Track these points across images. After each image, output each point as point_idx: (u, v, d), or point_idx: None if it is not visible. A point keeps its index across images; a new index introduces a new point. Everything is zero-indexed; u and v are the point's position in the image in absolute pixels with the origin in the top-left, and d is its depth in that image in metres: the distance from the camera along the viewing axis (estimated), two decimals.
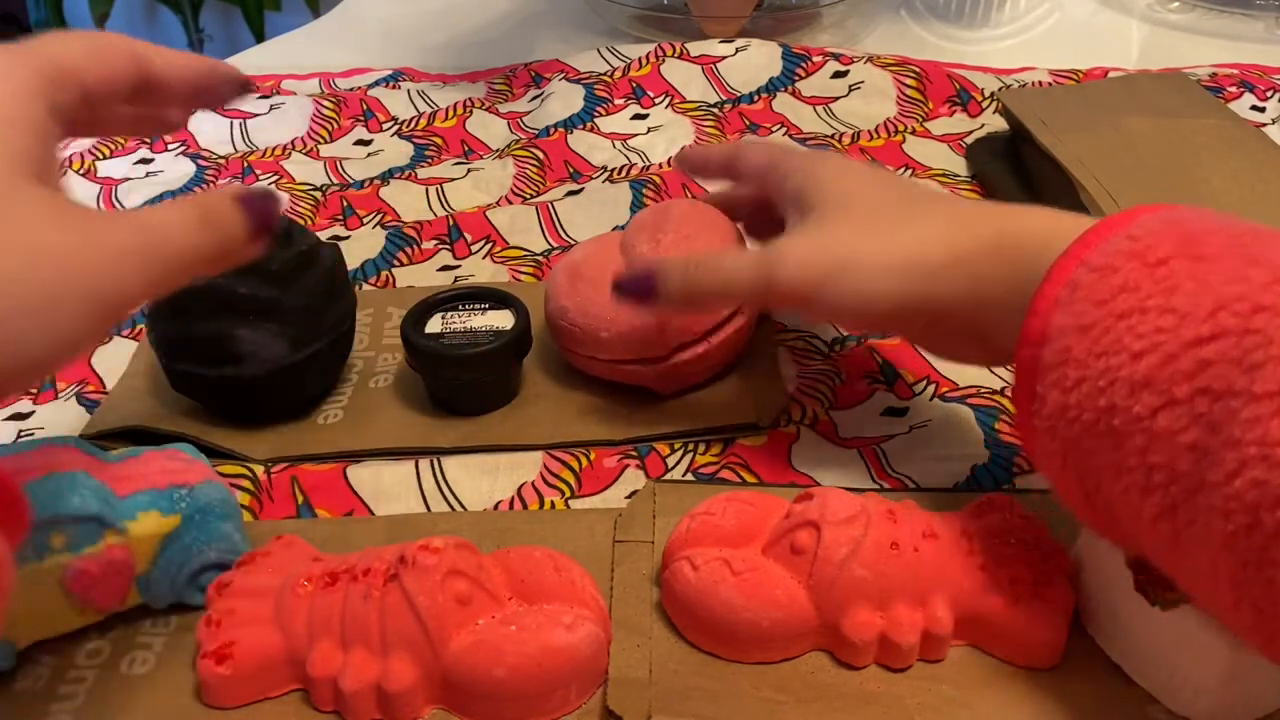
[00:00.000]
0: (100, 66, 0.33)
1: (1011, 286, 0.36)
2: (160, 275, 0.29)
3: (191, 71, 0.36)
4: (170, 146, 0.73)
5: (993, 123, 0.73)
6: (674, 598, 0.38)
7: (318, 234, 0.49)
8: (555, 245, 0.62)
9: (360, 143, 0.74)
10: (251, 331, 0.44)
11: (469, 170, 0.70)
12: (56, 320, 0.26)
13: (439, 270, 0.60)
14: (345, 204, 0.66)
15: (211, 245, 0.31)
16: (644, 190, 0.65)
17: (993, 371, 0.51)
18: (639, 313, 0.45)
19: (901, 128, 0.73)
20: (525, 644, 0.34)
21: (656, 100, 0.76)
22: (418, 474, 0.46)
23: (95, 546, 0.36)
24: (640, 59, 0.79)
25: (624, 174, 0.68)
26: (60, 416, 0.49)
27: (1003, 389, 0.49)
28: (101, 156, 0.72)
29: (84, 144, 0.73)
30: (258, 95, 0.63)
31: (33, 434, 0.49)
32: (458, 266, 0.60)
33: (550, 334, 0.49)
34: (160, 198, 0.67)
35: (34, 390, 0.51)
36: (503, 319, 0.48)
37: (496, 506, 0.44)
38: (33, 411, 0.50)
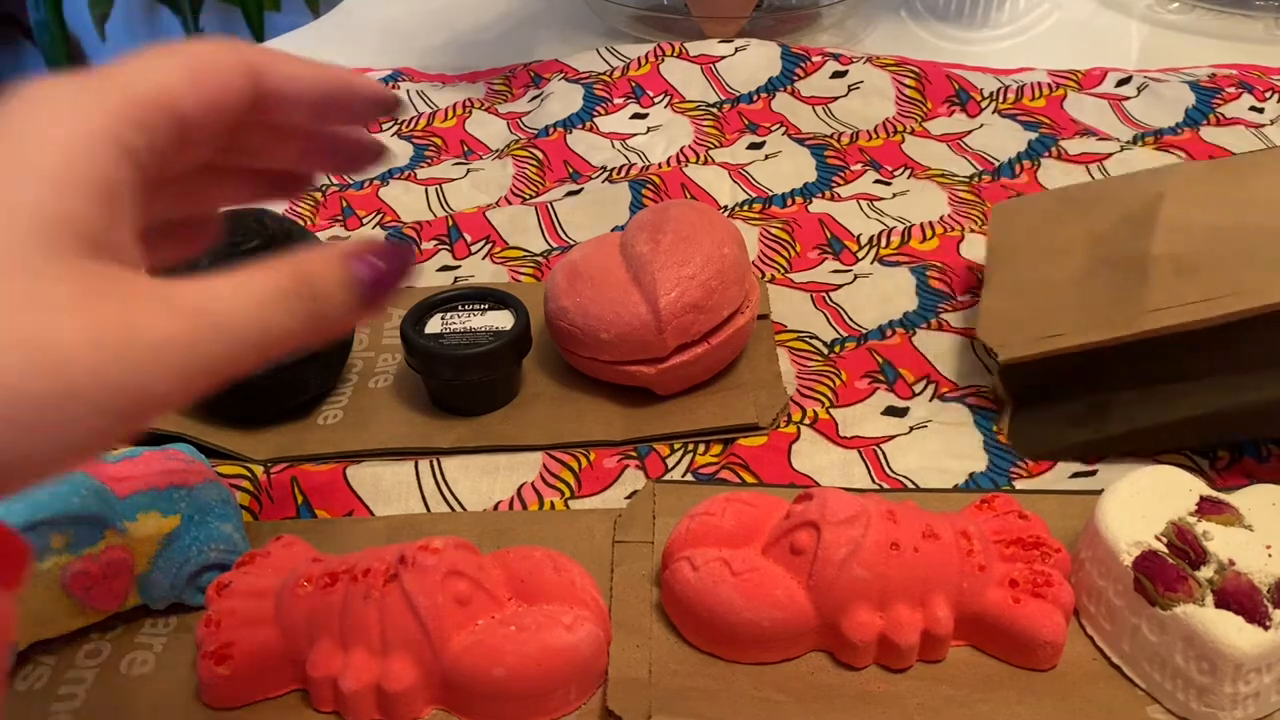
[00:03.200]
0: (199, 89, 0.27)
1: None
2: (206, 369, 0.24)
3: (321, 85, 0.29)
4: None
5: (991, 122, 0.73)
6: (674, 598, 0.38)
7: (318, 234, 0.49)
8: (555, 245, 0.62)
9: None
10: None
11: (469, 170, 0.70)
12: (58, 431, 0.22)
13: (439, 270, 0.60)
14: (345, 204, 0.66)
15: (294, 327, 0.26)
16: (643, 190, 0.65)
17: (990, 371, 0.51)
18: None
19: (900, 128, 0.73)
20: (525, 644, 0.34)
21: (656, 100, 0.76)
22: (417, 474, 0.46)
23: (95, 547, 0.36)
24: (639, 59, 0.79)
25: (623, 174, 0.68)
26: None
27: None
28: None
29: None
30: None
31: None
32: (457, 267, 0.60)
33: (550, 334, 0.49)
34: None
35: None
36: (502, 319, 0.48)
37: (496, 507, 0.44)
38: None
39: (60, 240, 0.23)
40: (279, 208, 0.65)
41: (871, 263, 0.59)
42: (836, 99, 0.76)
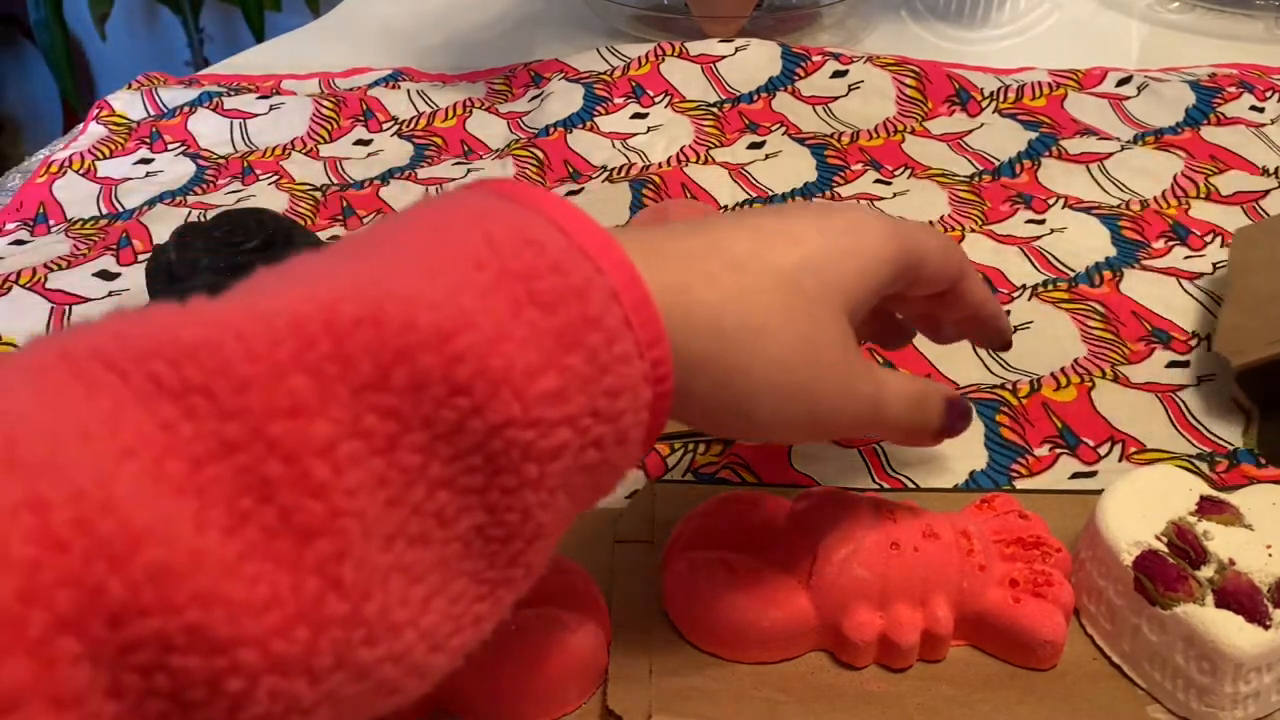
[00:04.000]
0: (938, 271, 0.36)
1: None
2: (869, 428, 0.34)
3: (975, 309, 0.38)
4: (170, 146, 0.73)
5: (992, 122, 0.73)
6: (674, 598, 0.38)
7: (318, 234, 0.49)
8: None
9: (360, 143, 0.74)
10: None
11: (469, 170, 0.70)
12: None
13: None
14: (345, 204, 0.66)
15: (912, 426, 0.35)
16: (644, 190, 0.65)
17: (990, 370, 0.51)
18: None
19: (901, 127, 0.73)
20: (525, 644, 0.34)
21: (656, 99, 0.76)
22: None
23: None
24: (640, 58, 0.79)
25: (624, 173, 0.68)
26: None
27: (1002, 384, 0.49)
28: (101, 156, 0.72)
29: (84, 144, 0.73)
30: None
31: None
32: None
33: None
34: (160, 198, 0.67)
35: None
36: None
37: None
38: None
39: (848, 307, 0.32)
40: (279, 207, 0.65)
41: None
42: (837, 99, 0.76)
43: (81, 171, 0.70)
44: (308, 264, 0.26)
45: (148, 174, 0.70)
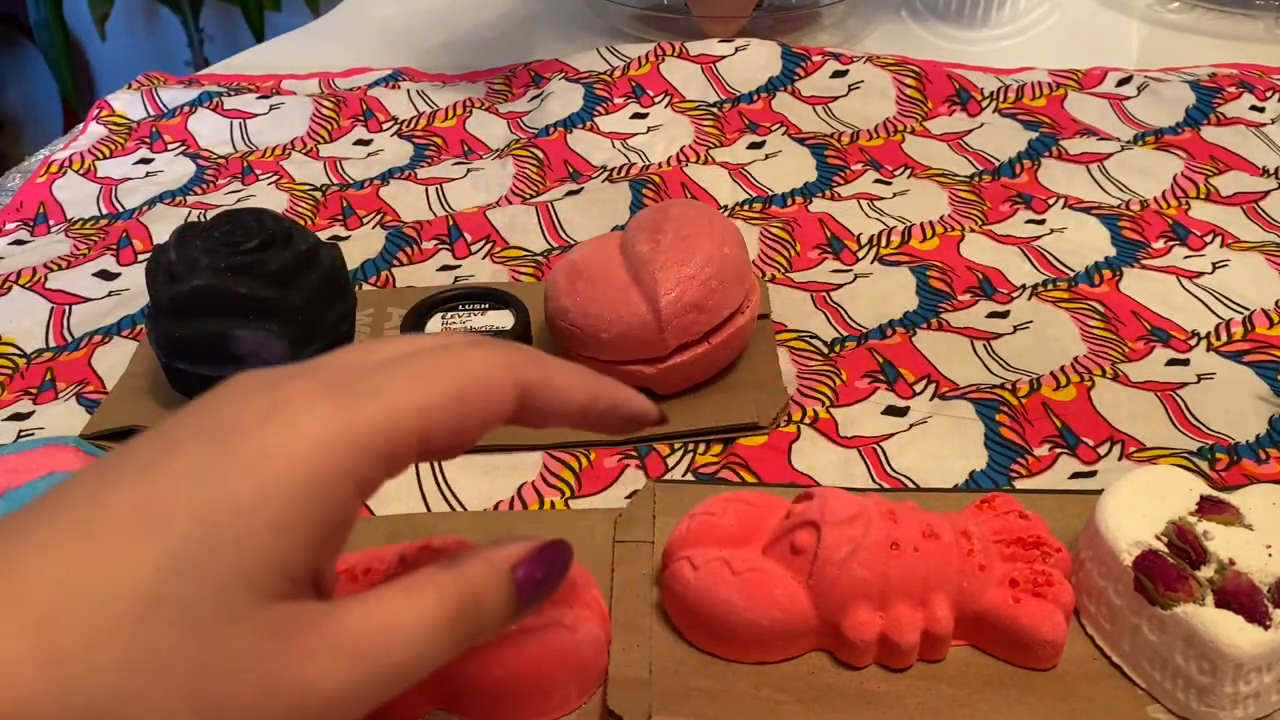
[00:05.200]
0: (461, 420, 0.25)
1: None
2: (370, 706, 0.24)
3: (588, 406, 0.29)
4: (170, 146, 0.73)
5: (992, 122, 0.73)
6: (674, 598, 0.38)
7: (318, 234, 0.49)
8: (555, 245, 0.62)
9: (360, 143, 0.74)
10: (251, 331, 0.44)
11: (469, 170, 0.70)
12: None
13: (439, 270, 0.60)
14: (345, 204, 0.66)
15: (456, 649, 0.26)
16: (643, 190, 0.65)
17: (990, 370, 0.51)
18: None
19: (900, 127, 0.73)
20: (525, 644, 0.34)
21: (656, 99, 0.76)
22: (417, 474, 0.46)
23: None
24: (640, 58, 0.79)
25: (623, 173, 0.68)
26: (60, 417, 0.49)
27: (1002, 384, 0.49)
28: (101, 156, 0.72)
29: (84, 144, 0.73)
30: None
31: (33, 434, 0.49)
32: (458, 266, 0.60)
33: (550, 334, 0.49)
34: (160, 198, 0.67)
35: (34, 390, 0.51)
36: (503, 319, 0.48)
37: (496, 506, 0.44)
38: (33, 411, 0.50)
39: (267, 584, 0.22)
40: (279, 207, 0.65)
41: (872, 262, 0.59)
42: (837, 99, 0.76)
43: (81, 171, 0.70)
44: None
45: (148, 174, 0.70)
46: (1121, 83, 0.76)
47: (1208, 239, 0.60)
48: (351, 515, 0.24)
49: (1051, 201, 0.64)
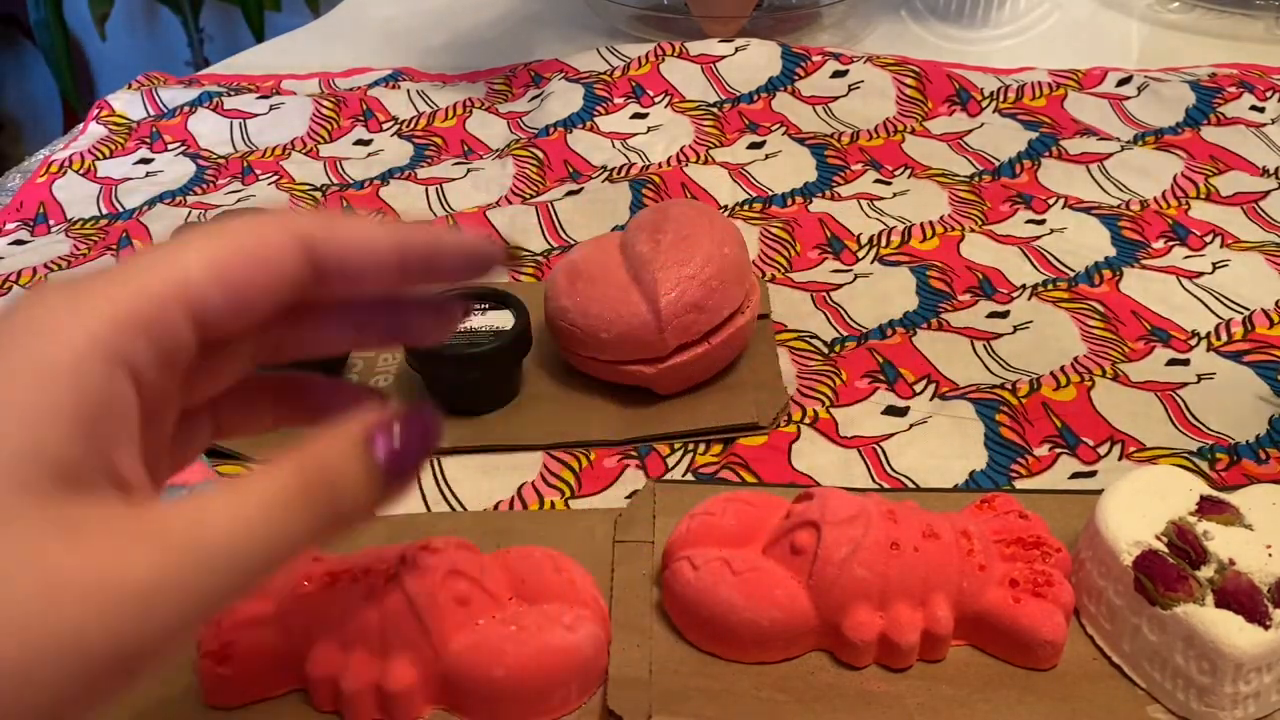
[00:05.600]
0: (227, 281, 0.23)
1: None
2: (204, 606, 0.22)
3: (396, 249, 0.26)
4: (170, 146, 0.73)
5: (991, 122, 0.73)
6: (674, 598, 0.38)
7: None
8: (555, 245, 0.62)
9: (360, 143, 0.74)
10: None
11: (469, 170, 0.70)
12: (17, 701, 0.19)
13: None
14: (345, 204, 0.66)
15: (311, 533, 0.23)
16: (643, 190, 0.65)
17: (990, 370, 0.51)
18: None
19: (901, 127, 0.73)
20: (525, 644, 0.34)
21: (656, 99, 0.76)
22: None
23: None
24: (640, 58, 0.79)
25: (623, 174, 0.68)
26: None
27: (1002, 384, 0.49)
28: (101, 156, 0.72)
29: (84, 144, 0.73)
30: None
31: None
32: None
33: (550, 334, 0.49)
34: (160, 198, 0.67)
35: None
36: (503, 319, 0.48)
37: (496, 506, 0.44)
38: None
39: (32, 478, 0.21)
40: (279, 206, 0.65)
41: (872, 262, 0.59)
42: (837, 99, 0.76)
43: (81, 171, 0.70)
44: None
45: (148, 174, 0.70)
46: (1121, 83, 0.76)
47: (1208, 239, 0.60)
48: (127, 398, 0.23)
49: (1051, 201, 0.64)
